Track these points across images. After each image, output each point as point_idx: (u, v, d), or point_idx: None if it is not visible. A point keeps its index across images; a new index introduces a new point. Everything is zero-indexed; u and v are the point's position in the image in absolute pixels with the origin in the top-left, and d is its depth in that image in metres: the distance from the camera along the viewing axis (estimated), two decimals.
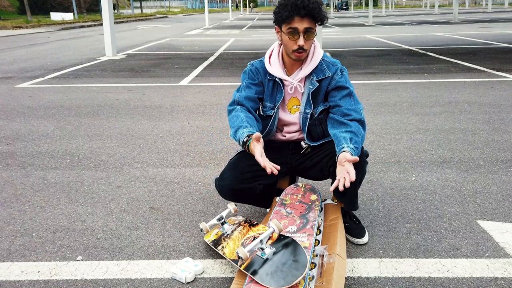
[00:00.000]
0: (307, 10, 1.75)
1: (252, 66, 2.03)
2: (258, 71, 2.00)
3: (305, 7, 1.75)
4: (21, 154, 3.35)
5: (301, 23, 1.79)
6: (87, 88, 6.14)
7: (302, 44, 1.81)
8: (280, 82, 1.96)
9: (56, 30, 21.90)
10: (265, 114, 2.03)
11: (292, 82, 1.93)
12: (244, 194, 1.97)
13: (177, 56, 9.90)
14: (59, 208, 2.41)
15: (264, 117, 2.05)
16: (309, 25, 1.80)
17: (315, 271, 1.64)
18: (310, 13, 1.76)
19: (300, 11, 1.76)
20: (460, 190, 2.52)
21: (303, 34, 1.80)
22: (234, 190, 1.93)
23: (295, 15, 1.77)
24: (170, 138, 3.72)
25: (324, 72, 1.93)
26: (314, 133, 2.01)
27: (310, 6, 1.75)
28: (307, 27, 1.79)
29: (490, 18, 24.05)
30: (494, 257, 1.84)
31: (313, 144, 2.01)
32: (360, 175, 1.86)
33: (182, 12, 60.81)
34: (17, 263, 1.88)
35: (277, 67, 1.95)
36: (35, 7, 38.58)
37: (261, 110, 2.05)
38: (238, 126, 1.87)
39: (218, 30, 20.58)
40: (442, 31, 15.41)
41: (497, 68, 6.91)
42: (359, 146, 1.81)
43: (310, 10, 1.76)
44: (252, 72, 2.01)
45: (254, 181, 1.95)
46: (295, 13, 1.77)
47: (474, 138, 3.48)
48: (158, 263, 1.86)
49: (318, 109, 1.98)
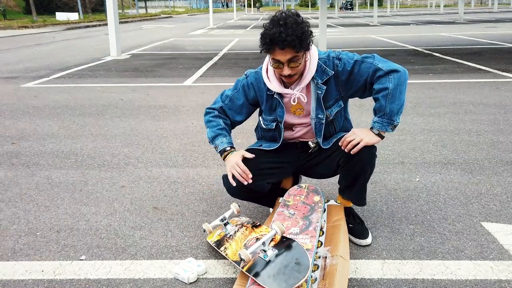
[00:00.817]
0: (285, 44, 1.70)
1: (246, 78, 2.00)
2: (252, 85, 1.97)
3: (283, 41, 1.69)
4: (26, 154, 3.37)
5: (283, 55, 1.74)
6: (92, 88, 6.17)
7: (287, 73, 1.78)
8: (278, 96, 1.93)
9: (61, 30, 22.01)
10: (267, 127, 2.03)
11: (294, 93, 1.89)
12: (253, 193, 1.98)
13: (182, 56, 9.92)
14: (63, 207, 2.43)
15: (267, 130, 2.04)
16: (292, 55, 1.73)
17: (317, 273, 1.63)
18: (289, 46, 1.71)
19: (279, 44, 1.70)
20: (465, 192, 2.51)
21: (287, 64, 1.76)
22: (243, 188, 1.92)
23: (274, 48, 1.73)
24: (174, 138, 3.73)
25: (326, 72, 1.87)
26: (326, 132, 1.99)
27: (288, 39, 1.68)
28: (290, 58, 1.74)
29: (496, 18, 23.90)
30: (498, 259, 1.83)
31: (325, 145, 1.98)
32: (370, 167, 1.86)
33: (187, 12, 60.91)
34: (22, 262, 1.89)
35: (275, 82, 1.90)
36: (40, 7, 38.78)
37: (263, 123, 2.04)
38: (218, 133, 1.96)
39: (223, 30, 20.60)
40: (448, 31, 15.33)
41: (502, 69, 6.86)
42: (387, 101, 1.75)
43: (289, 42, 1.69)
44: (246, 87, 1.98)
45: (263, 179, 1.96)
46: (275, 46, 1.72)
47: (479, 139, 3.46)
48: (161, 263, 1.86)
49: (333, 111, 1.94)
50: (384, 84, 1.77)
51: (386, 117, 1.79)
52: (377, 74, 1.79)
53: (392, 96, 1.76)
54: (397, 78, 1.76)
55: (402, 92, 1.78)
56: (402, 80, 1.77)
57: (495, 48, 9.91)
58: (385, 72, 1.78)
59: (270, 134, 2.06)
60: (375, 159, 1.88)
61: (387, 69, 1.78)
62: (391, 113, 1.78)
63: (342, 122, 2.04)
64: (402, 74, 1.78)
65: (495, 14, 29.51)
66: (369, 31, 17.31)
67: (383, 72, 1.78)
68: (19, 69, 8.16)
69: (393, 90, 1.76)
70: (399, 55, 9.13)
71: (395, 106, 1.77)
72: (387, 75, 1.78)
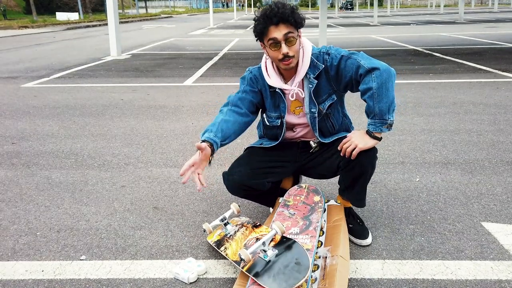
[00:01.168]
0: (279, 17, 1.73)
1: (251, 73, 2.01)
2: (257, 79, 1.99)
3: (275, 15, 1.73)
4: (26, 154, 3.37)
5: (278, 31, 1.76)
6: (92, 88, 6.17)
7: (286, 51, 1.78)
8: (281, 92, 1.94)
9: (61, 30, 22.01)
10: (272, 124, 2.03)
11: (293, 88, 1.91)
12: (253, 191, 1.98)
13: (182, 56, 9.92)
14: (63, 207, 2.43)
15: (271, 127, 2.04)
16: (287, 30, 1.76)
17: (317, 273, 1.63)
18: (282, 19, 1.74)
19: (272, 19, 1.74)
20: (465, 192, 2.51)
21: (284, 42, 1.77)
22: (243, 186, 1.93)
23: (269, 25, 1.76)
24: (174, 138, 3.73)
25: (317, 66, 1.89)
26: (324, 129, 2.00)
27: (280, 11, 1.73)
28: (285, 33, 1.76)
29: (496, 18, 23.90)
30: (498, 259, 1.83)
31: (324, 140, 1.99)
32: (370, 168, 1.86)
33: (187, 12, 60.92)
34: (22, 262, 1.89)
35: (275, 77, 1.92)
36: (41, 7, 38.81)
37: (267, 121, 2.04)
38: (207, 128, 1.84)
39: (223, 30, 20.60)
40: (448, 31, 15.33)
41: (503, 69, 6.86)
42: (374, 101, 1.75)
43: (281, 15, 1.73)
44: (251, 80, 1.99)
45: (264, 178, 1.96)
46: (269, 23, 1.75)
47: (479, 139, 3.46)
48: (161, 263, 1.86)
49: (326, 104, 1.94)
50: (368, 84, 1.77)
51: (377, 117, 1.79)
52: (359, 71, 1.79)
53: (378, 95, 1.75)
54: (379, 76, 1.75)
55: (389, 89, 1.76)
56: (386, 78, 1.75)
57: (495, 48, 9.91)
58: (366, 69, 1.77)
59: (273, 132, 2.05)
60: (376, 161, 1.88)
61: (368, 66, 1.77)
62: (381, 112, 1.77)
63: (341, 119, 2.03)
64: (384, 71, 1.75)
65: (496, 14, 29.50)
66: (369, 31, 17.31)
67: (364, 69, 1.77)
68: (19, 69, 8.16)
69: (377, 89, 1.75)
70: (399, 55, 9.12)
71: (383, 104, 1.76)
72: (369, 73, 1.77)
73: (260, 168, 1.95)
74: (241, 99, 1.96)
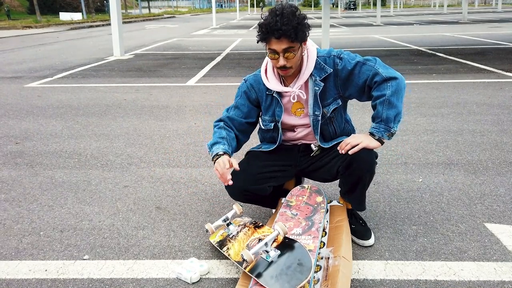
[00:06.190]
0: (280, 33, 1.71)
1: (246, 82, 2.02)
2: (253, 87, 1.99)
3: (278, 30, 1.70)
4: (30, 153, 3.38)
5: (278, 44, 1.75)
6: (95, 88, 6.19)
7: (283, 64, 1.78)
8: (277, 96, 1.93)
9: (65, 30, 22.08)
10: (266, 127, 2.03)
11: (293, 90, 1.90)
12: (254, 196, 1.98)
13: (184, 56, 9.93)
14: (67, 207, 2.44)
15: (266, 130, 2.05)
16: (287, 45, 1.74)
17: (320, 274, 1.63)
18: (284, 35, 1.72)
19: (274, 33, 1.72)
20: (468, 192, 2.50)
21: (283, 54, 1.77)
22: (245, 191, 1.93)
23: (270, 37, 1.74)
24: (176, 138, 3.73)
25: (325, 69, 1.88)
26: (326, 132, 1.99)
27: (283, 28, 1.69)
28: (285, 47, 1.74)
29: (500, 18, 23.80)
30: (501, 261, 1.82)
31: (325, 145, 1.99)
32: (369, 174, 1.86)
33: (190, 12, 60.99)
34: (25, 261, 1.90)
35: (274, 81, 1.92)
36: (44, 7, 38.94)
37: (262, 124, 2.05)
38: (217, 141, 1.92)
39: (225, 30, 20.61)
40: (451, 31, 15.28)
41: (506, 69, 6.83)
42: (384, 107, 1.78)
43: (284, 32, 1.70)
44: (247, 90, 2.00)
45: (265, 182, 1.96)
46: (270, 35, 1.74)
47: (482, 140, 3.45)
48: (164, 263, 1.86)
49: (330, 108, 1.94)
50: (382, 91, 1.79)
51: (383, 123, 1.81)
52: (375, 78, 1.81)
53: (389, 102, 1.78)
54: (395, 85, 1.79)
55: (399, 100, 1.80)
56: (400, 88, 1.80)
57: (499, 48, 9.87)
58: (383, 78, 1.80)
59: (269, 135, 2.06)
60: (375, 166, 1.88)
61: (386, 75, 1.80)
62: (388, 119, 1.80)
63: (343, 124, 2.03)
64: (400, 81, 1.80)
65: (499, 14, 29.38)
66: (372, 31, 17.28)
67: (381, 77, 1.80)
68: (23, 69, 8.19)
69: (390, 96, 1.78)
70: (403, 55, 9.10)
71: (391, 112, 1.79)
72: (386, 81, 1.80)
73: (261, 173, 1.95)
74: (231, 118, 2.00)
